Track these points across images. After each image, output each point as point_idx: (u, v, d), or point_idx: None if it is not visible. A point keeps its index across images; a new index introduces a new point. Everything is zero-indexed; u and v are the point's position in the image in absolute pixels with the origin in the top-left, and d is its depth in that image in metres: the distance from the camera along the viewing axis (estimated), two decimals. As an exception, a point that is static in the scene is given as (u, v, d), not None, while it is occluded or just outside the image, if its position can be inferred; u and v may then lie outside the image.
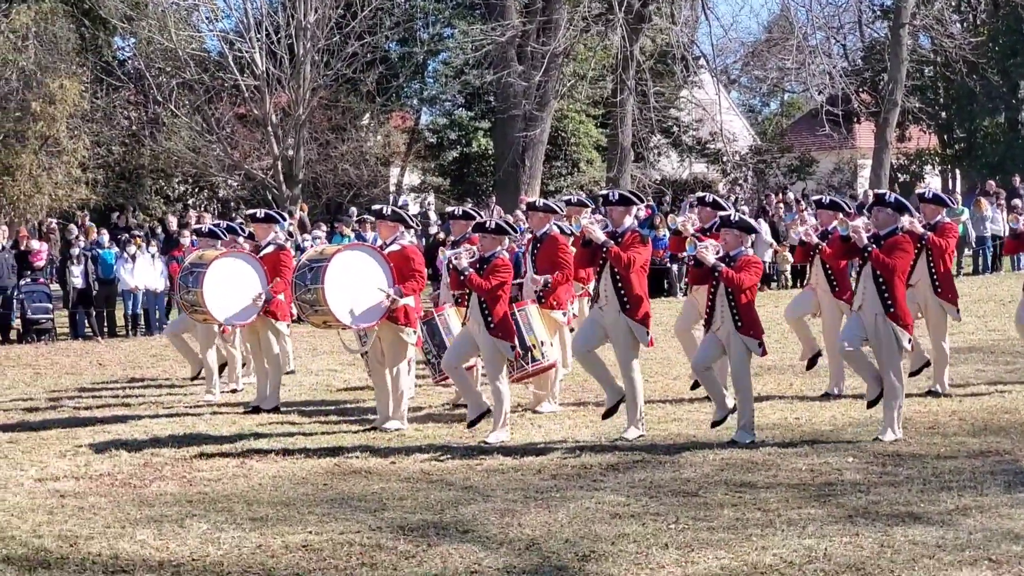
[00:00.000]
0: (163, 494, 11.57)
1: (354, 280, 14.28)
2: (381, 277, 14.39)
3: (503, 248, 14.03)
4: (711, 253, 13.06)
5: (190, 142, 38.68)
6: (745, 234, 13.21)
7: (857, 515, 10.00)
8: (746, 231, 13.25)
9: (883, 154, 42.25)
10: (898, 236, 13.00)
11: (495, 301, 13.54)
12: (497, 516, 10.36)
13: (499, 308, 13.57)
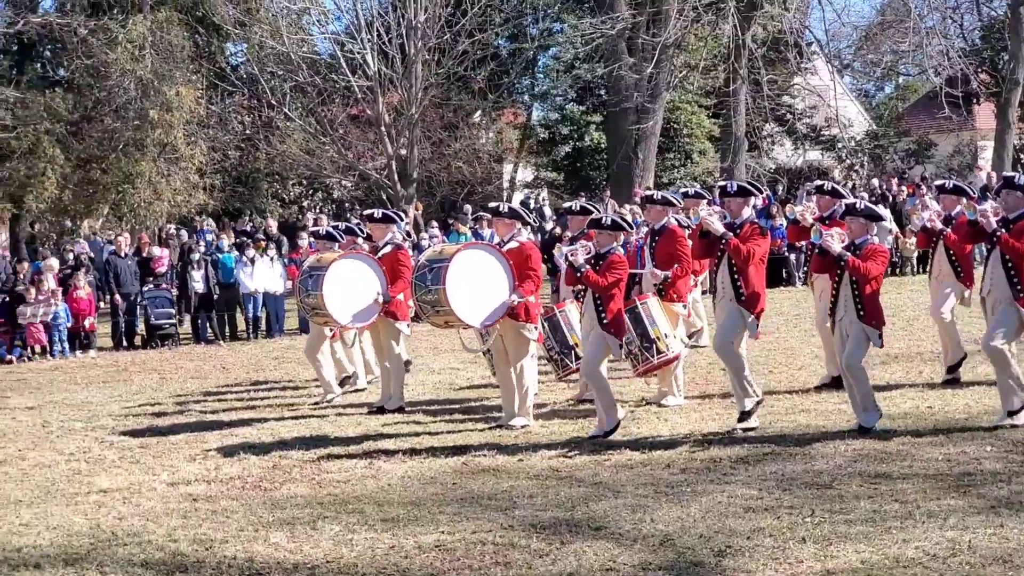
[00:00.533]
0: (293, 496, 11.60)
1: (475, 279, 14.26)
2: (501, 276, 14.36)
3: (619, 244, 13.93)
4: (836, 242, 12.85)
5: (304, 144, 38.97)
6: (870, 221, 12.96)
7: (1000, 505, 9.76)
8: (871, 218, 12.99)
9: (1005, 135, 41.50)
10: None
11: (610, 298, 13.48)
12: (629, 512, 10.26)
13: (613, 305, 13.50)
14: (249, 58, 39.20)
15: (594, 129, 44.31)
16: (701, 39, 42.09)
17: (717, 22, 40.34)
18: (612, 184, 40.08)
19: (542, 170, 47.78)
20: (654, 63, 38.51)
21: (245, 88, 40.57)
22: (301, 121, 38.59)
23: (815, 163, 51.68)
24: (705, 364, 18.11)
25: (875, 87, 68.20)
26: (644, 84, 39.16)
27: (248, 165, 41.16)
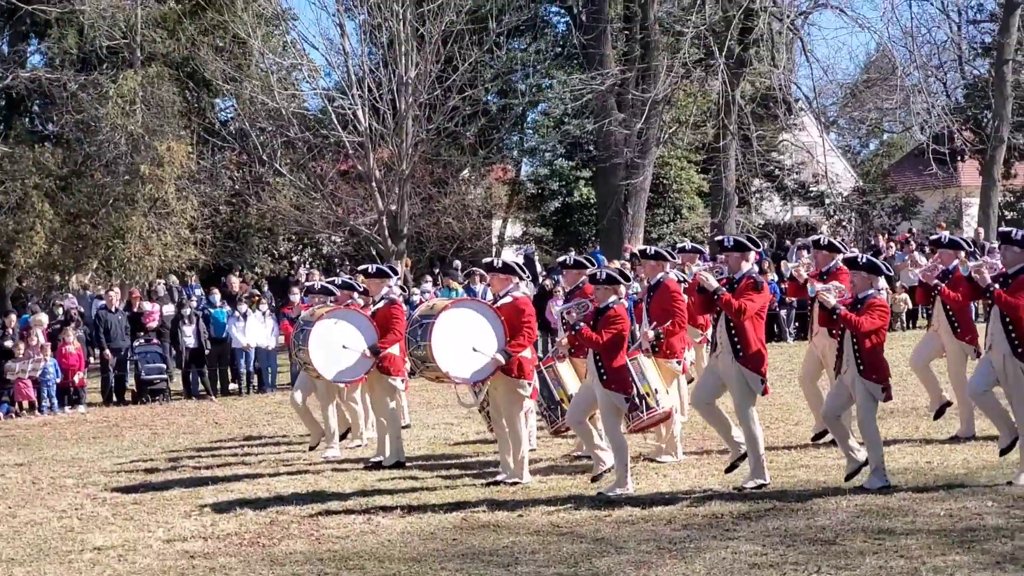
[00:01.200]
0: (292, 552, 11.53)
1: (463, 336, 14.23)
2: (490, 332, 14.30)
3: (620, 297, 13.91)
4: (832, 295, 12.86)
5: (294, 200, 38.95)
6: (873, 276, 12.96)
7: (1005, 561, 9.74)
8: (874, 272, 12.99)
9: (991, 192, 41.73)
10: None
11: (609, 354, 13.43)
12: (633, 568, 10.21)
13: (614, 360, 13.45)
14: (240, 113, 39.22)
15: (583, 184, 44.36)
16: (690, 95, 42.28)
17: (706, 78, 40.57)
18: (601, 240, 40.13)
19: (531, 226, 47.80)
20: (644, 119, 38.66)
21: (236, 143, 40.60)
22: (291, 176, 38.59)
23: (803, 219, 51.86)
24: (701, 420, 18.03)
25: (860, 144, 68.68)
26: (633, 140, 39.30)
27: (239, 220, 41.16)
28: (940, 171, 42.26)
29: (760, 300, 13.41)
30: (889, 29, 42.65)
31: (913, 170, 51.08)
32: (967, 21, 48.14)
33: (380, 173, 37.30)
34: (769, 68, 41.15)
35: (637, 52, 39.73)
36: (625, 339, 13.64)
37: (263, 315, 27.79)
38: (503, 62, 40.00)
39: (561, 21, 46.06)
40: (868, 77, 56.23)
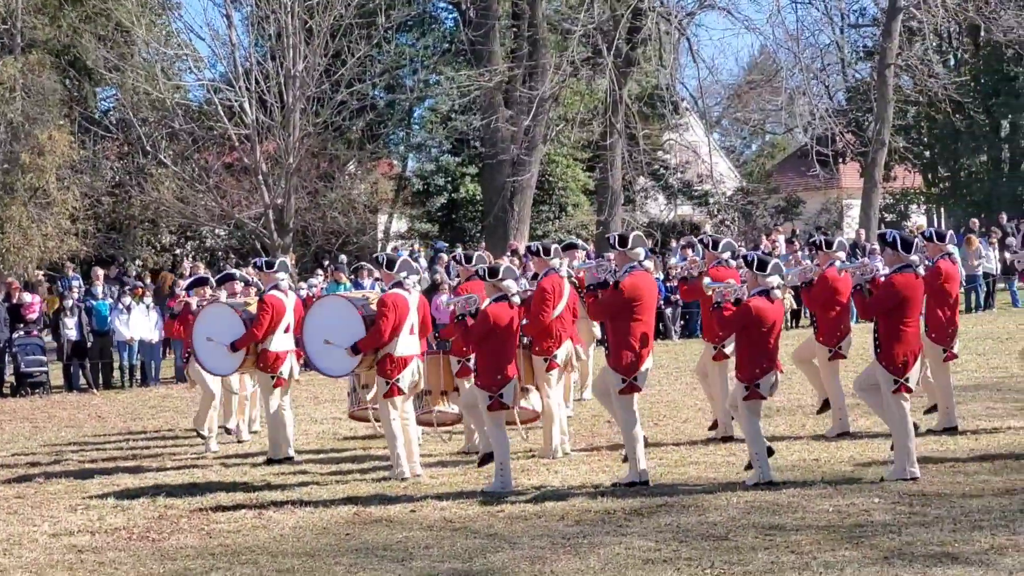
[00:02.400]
0: (183, 547, 11.42)
1: (324, 329, 14.56)
2: (349, 326, 14.47)
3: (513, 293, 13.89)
4: (734, 292, 13.02)
5: (178, 191, 38.50)
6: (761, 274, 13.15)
7: (893, 556, 9.89)
8: (763, 271, 13.18)
9: (872, 194, 42.30)
10: (889, 276, 12.99)
11: (479, 351, 13.64)
12: (527, 563, 10.23)
13: (482, 356, 13.57)
14: (122, 103, 38.68)
15: (469, 181, 44.41)
16: (577, 93, 42.44)
17: (594, 77, 40.73)
18: (487, 236, 40.17)
19: (417, 221, 47.72)
20: (531, 116, 38.72)
21: (118, 133, 40.09)
22: (175, 168, 38.14)
23: (687, 218, 52.34)
24: (590, 417, 18.17)
25: (744, 144, 69.40)
26: (520, 137, 39.36)
27: (121, 211, 40.59)
28: (822, 173, 42.79)
29: (620, 300, 13.32)
30: (775, 31, 42.94)
31: (796, 171, 51.73)
32: (850, 25, 48.85)
33: (266, 166, 37.02)
34: (656, 68, 41.42)
35: (525, 49, 39.78)
36: (498, 337, 13.52)
37: (147, 308, 27.47)
38: (391, 57, 39.83)
39: (449, 17, 46.14)
40: (752, 78, 56.84)
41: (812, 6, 44.79)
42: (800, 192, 52.45)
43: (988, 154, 49.87)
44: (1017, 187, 48.67)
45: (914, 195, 53.88)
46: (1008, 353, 23.69)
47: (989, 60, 48.46)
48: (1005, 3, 41.12)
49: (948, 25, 43.12)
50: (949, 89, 42.28)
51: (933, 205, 54.47)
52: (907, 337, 12.79)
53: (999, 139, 49.95)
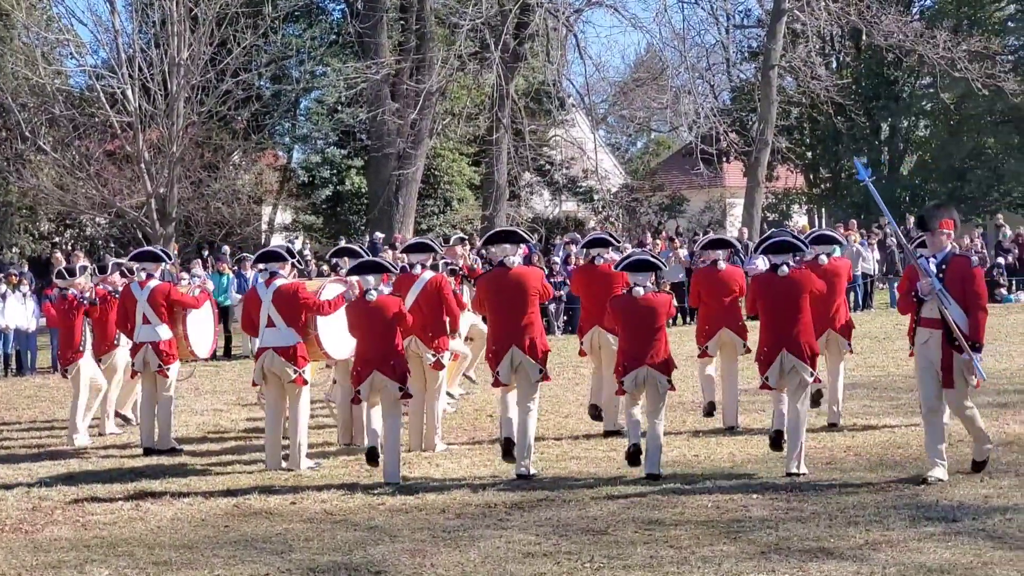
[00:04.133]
0: (58, 539, 11.25)
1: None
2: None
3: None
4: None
5: (57, 179, 37.91)
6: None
7: (770, 551, 10.00)
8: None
9: (755, 193, 42.73)
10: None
11: None
12: (407, 556, 10.21)
13: None
14: (1, 88, 37.98)
15: (355, 173, 44.26)
16: (464, 87, 42.44)
17: (481, 71, 40.74)
18: (372, 229, 40.03)
19: (301, 213, 47.48)
20: (417, 110, 38.66)
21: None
22: (55, 155, 37.53)
23: (572, 214, 52.54)
24: (472, 411, 18.20)
25: (629, 141, 69.83)
26: (407, 130, 39.28)
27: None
28: (706, 171, 43.15)
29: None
30: (661, 30, 43.20)
31: (680, 169, 52.13)
32: (735, 26, 49.29)
33: (149, 155, 36.58)
34: (543, 64, 41.53)
35: (413, 43, 39.72)
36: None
37: (23, 296, 27.02)
38: (278, 47, 39.50)
39: (337, 9, 45.93)
40: (638, 76, 57.17)
41: (698, 6, 45.17)
42: (684, 190, 52.90)
43: (868, 156, 50.65)
44: (896, 189, 49.51)
45: (796, 195, 54.61)
46: (885, 352, 24.10)
47: (870, 64, 49.26)
48: (886, 8, 41.74)
49: (831, 28, 43.61)
50: (831, 91, 42.83)
51: (814, 205, 55.20)
52: None
53: (879, 141, 50.83)
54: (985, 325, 12.41)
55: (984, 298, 12.46)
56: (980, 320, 12.30)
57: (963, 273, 12.33)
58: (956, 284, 12.27)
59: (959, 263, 12.42)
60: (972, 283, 12.32)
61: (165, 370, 16.11)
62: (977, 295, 12.32)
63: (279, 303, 14.45)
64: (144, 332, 16.18)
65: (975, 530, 10.43)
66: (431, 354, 14.98)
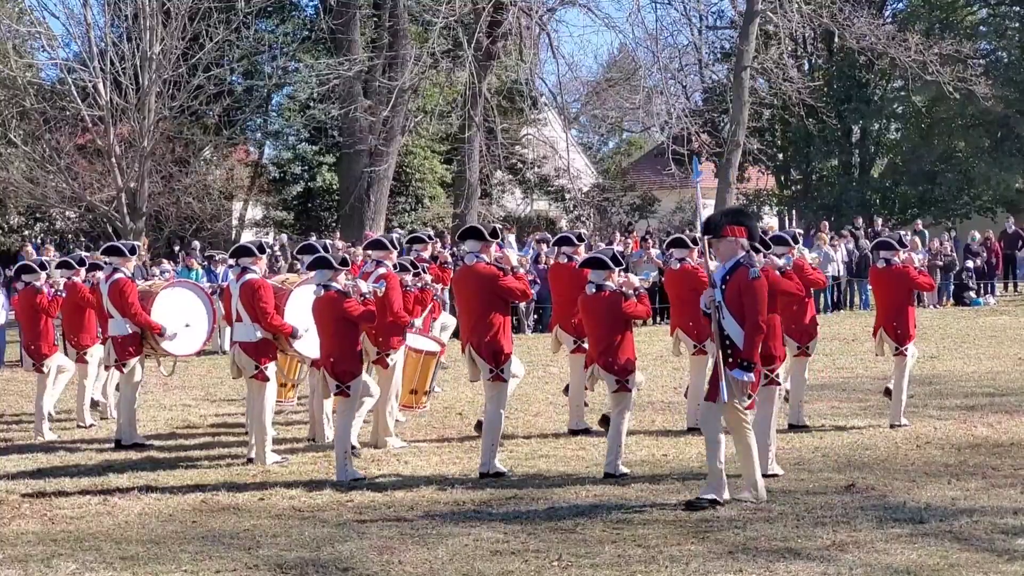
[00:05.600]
0: (24, 533, 11.21)
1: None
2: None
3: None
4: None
5: (27, 172, 37.74)
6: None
7: (737, 551, 10.03)
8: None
9: (726, 194, 42.76)
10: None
11: None
12: (376, 553, 10.21)
13: None
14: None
15: (326, 170, 44.22)
16: (437, 85, 42.41)
17: (454, 69, 40.70)
18: (343, 226, 39.99)
19: (272, 209, 47.40)
20: (390, 107, 38.60)
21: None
22: (25, 148, 37.34)
23: (543, 213, 52.57)
24: (442, 409, 18.19)
25: (600, 141, 69.86)
26: (378, 127, 39.21)
27: (-33, 190, 39.74)
28: (678, 171, 43.17)
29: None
30: (634, 30, 43.20)
31: (652, 169, 52.18)
32: (708, 27, 49.37)
33: (120, 149, 36.46)
34: (516, 62, 41.53)
35: (385, 40, 39.67)
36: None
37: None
38: (250, 43, 39.40)
39: (310, 4, 45.85)
40: (611, 76, 57.19)
41: (671, 7, 45.16)
42: (655, 190, 52.96)
43: (839, 158, 50.90)
44: (866, 191, 49.71)
45: (767, 196, 54.69)
46: (853, 354, 24.19)
47: (842, 66, 49.40)
48: (858, 11, 41.87)
49: (803, 31, 43.72)
50: (803, 93, 42.91)
51: (785, 207, 55.33)
52: None
53: (850, 144, 50.98)
54: (759, 343, 11.55)
55: (761, 314, 11.52)
56: (751, 337, 11.48)
57: (741, 284, 11.54)
58: (735, 296, 11.53)
59: (740, 273, 11.58)
60: (748, 295, 11.50)
61: (121, 365, 16.07)
62: (753, 310, 11.48)
63: (244, 299, 14.48)
64: (110, 326, 16.17)
65: (942, 532, 10.49)
66: (375, 351, 15.00)
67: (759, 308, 11.50)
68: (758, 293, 11.54)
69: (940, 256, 36.89)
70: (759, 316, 11.48)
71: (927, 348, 23.47)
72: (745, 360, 11.48)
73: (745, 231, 11.76)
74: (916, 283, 16.07)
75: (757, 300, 11.51)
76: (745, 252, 11.70)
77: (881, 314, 16.06)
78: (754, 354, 11.50)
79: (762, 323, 11.54)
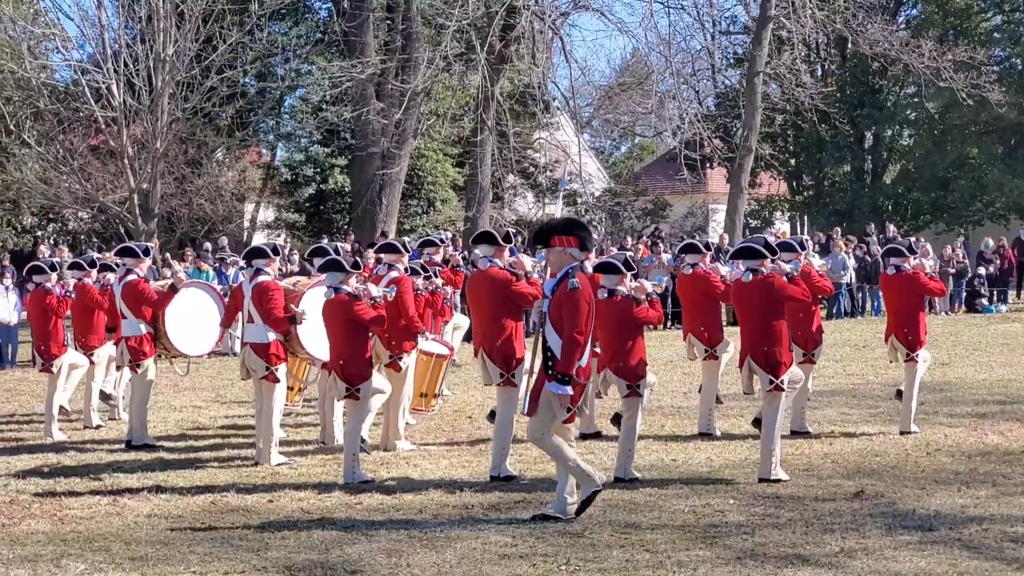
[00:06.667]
0: (35, 532, 11.25)
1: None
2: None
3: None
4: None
5: (41, 173, 37.82)
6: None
7: (746, 556, 10.03)
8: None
9: (737, 199, 42.68)
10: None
11: None
12: (384, 556, 10.22)
13: None
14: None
15: (339, 172, 44.22)
16: (449, 88, 42.41)
17: (466, 72, 40.69)
18: (355, 228, 40.00)
19: (284, 211, 47.43)
20: (402, 110, 38.60)
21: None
22: (39, 148, 37.41)
23: (554, 216, 52.51)
24: (451, 412, 18.20)
25: (612, 145, 69.84)
26: (391, 130, 39.22)
27: (-19, 191, 39.81)
28: (689, 177, 43.14)
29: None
30: (647, 35, 43.19)
31: (663, 174, 52.10)
32: (721, 32, 49.29)
33: (133, 150, 36.53)
34: (529, 66, 41.49)
35: (398, 43, 39.65)
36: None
37: (5, 289, 26.98)
38: (263, 45, 39.46)
39: (323, 7, 45.85)
40: (624, 81, 57.17)
41: (684, 11, 45.10)
42: (667, 195, 52.89)
43: (851, 164, 50.72)
44: (878, 197, 49.60)
45: (778, 202, 54.60)
46: (864, 360, 24.17)
47: (855, 72, 49.27)
48: (872, 17, 41.82)
49: (816, 36, 43.69)
50: (816, 99, 42.85)
51: (796, 213, 55.25)
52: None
53: (863, 150, 50.85)
54: (576, 356, 11.15)
55: (578, 326, 11.13)
56: (567, 349, 11.12)
57: (561, 295, 11.24)
58: (557, 307, 11.25)
59: (562, 284, 11.27)
60: (567, 307, 11.16)
61: (135, 365, 16.11)
62: (571, 322, 11.13)
63: (256, 300, 14.52)
64: (123, 327, 16.22)
65: (951, 539, 10.48)
66: (388, 355, 15.01)
67: (576, 321, 11.12)
68: (576, 305, 11.17)
69: (952, 263, 36.84)
70: (575, 329, 11.11)
71: (938, 355, 23.44)
72: (561, 373, 11.17)
73: (576, 241, 11.41)
74: (927, 289, 16.05)
75: (574, 312, 11.14)
76: (577, 263, 11.44)
77: (892, 320, 16.06)
78: (570, 368, 11.13)
79: (578, 336, 11.15)
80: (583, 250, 11.48)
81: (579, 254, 11.46)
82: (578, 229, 11.52)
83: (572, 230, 11.47)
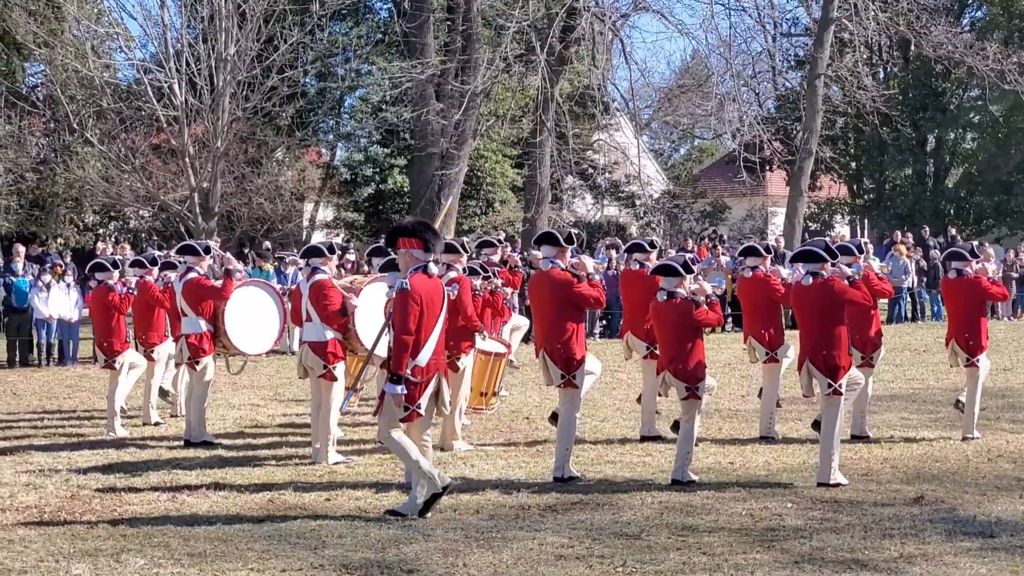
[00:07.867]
0: (95, 528, 11.31)
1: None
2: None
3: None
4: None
5: (103, 171, 38.11)
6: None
7: (803, 561, 9.98)
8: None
9: (797, 202, 42.48)
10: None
11: None
12: (440, 556, 10.23)
13: None
14: (50, 79, 38.22)
15: (397, 172, 44.29)
16: (509, 89, 42.43)
17: (526, 74, 40.70)
18: (414, 228, 40.00)
19: (343, 211, 47.58)
20: (462, 110, 38.64)
21: (44, 110, 39.58)
22: (101, 147, 37.71)
23: (613, 218, 52.51)
24: (509, 413, 18.21)
25: (672, 148, 69.70)
26: (450, 130, 39.25)
27: (45, 188, 40.06)
28: (749, 179, 43.00)
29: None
30: (707, 37, 43.11)
31: (723, 176, 52.01)
32: (782, 34, 49.10)
33: (193, 149, 36.75)
34: (588, 68, 41.45)
35: (458, 43, 39.68)
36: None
37: (67, 287, 27.23)
38: (324, 45, 39.64)
39: (384, 7, 45.98)
40: (683, 82, 57.09)
41: (745, 13, 44.94)
42: (726, 198, 52.79)
43: (913, 167, 50.42)
44: (940, 201, 49.28)
45: (839, 205, 54.37)
46: (924, 365, 24.01)
47: (918, 75, 48.99)
48: (936, 19, 41.55)
49: (879, 38, 43.48)
50: (877, 102, 42.60)
51: (857, 216, 54.98)
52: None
53: (925, 153, 50.55)
54: (404, 358, 11.40)
55: (399, 327, 11.43)
56: (396, 350, 11.45)
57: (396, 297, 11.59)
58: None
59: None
60: (396, 307, 11.53)
61: (194, 363, 16.21)
62: (397, 323, 11.45)
63: (313, 298, 14.59)
64: (183, 325, 16.34)
65: (1012, 546, 10.39)
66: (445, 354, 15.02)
67: (400, 320, 11.42)
68: (399, 305, 11.47)
69: (1016, 267, 36.53)
70: (403, 330, 11.40)
71: (1000, 360, 23.26)
72: (391, 373, 11.44)
73: (420, 243, 11.66)
74: (989, 293, 15.91)
75: (398, 313, 11.46)
76: (421, 264, 11.64)
77: (953, 325, 15.93)
78: (400, 368, 11.39)
79: (406, 337, 11.40)
80: (427, 251, 11.72)
81: (423, 255, 11.71)
82: (423, 231, 11.76)
83: (417, 232, 11.73)
